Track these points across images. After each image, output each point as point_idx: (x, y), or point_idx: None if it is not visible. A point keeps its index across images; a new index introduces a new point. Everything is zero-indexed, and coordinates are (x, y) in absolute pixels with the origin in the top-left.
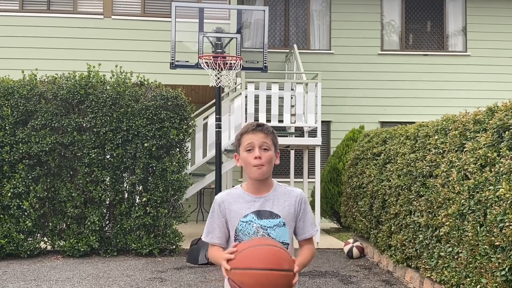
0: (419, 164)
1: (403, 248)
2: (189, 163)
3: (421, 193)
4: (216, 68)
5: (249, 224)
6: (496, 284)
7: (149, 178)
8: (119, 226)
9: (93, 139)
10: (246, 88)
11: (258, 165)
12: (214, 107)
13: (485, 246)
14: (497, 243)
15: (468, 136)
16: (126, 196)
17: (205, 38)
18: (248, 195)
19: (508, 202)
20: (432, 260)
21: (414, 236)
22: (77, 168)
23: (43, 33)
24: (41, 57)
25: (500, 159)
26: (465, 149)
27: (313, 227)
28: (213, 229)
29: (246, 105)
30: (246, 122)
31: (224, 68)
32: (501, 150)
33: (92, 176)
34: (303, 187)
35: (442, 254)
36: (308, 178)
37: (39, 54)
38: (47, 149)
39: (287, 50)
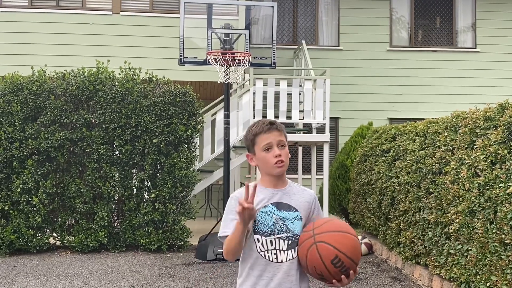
0: (429, 161)
1: (412, 245)
2: (197, 159)
3: (430, 190)
4: (224, 65)
5: (269, 214)
6: (506, 282)
7: (158, 174)
8: (127, 222)
9: (102, 135)
10: (254, 85)
11: (279, 162)
12: (223, 103)
13: (495, 244)
14: (507, 241)
15: (478, 133)
16: (134, 192)
17: (214, 34)
18: (266, 189)
19: None
20: (441, 257)
21: (423, 233)
22: (86, 164)
23: (52, 29)
24: (50, 53)
25: (511, 156)
26: (475, 146)
27: None
28: (231, 223)
29: (254, 101)
30: (254, 118)
31: (233, 65)
32: (511, 148)
33: (101, 172)
34: (311, 184)
35: (452, 251)
36: (316, 174)
37: (48, 50)
38: (56, 145)
39: (296, 46)
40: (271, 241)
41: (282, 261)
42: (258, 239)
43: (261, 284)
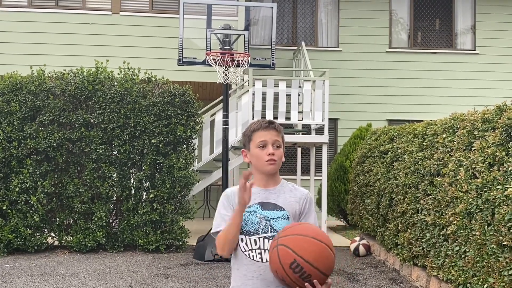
0: (427, 163)
1: (410, 246)
2: (196, 159)
3: (428, 191)
4: (223, 65)
5: (253, 214)
6: (504, 284)
7: (156, 174)
8: (126, 222)
9: (101, 135)
10: (253, 85)
11: (271, 160)
12: (222, 104)
13: (493, 246)
14: (504, 243)
15: (477, 135)
16: (133, 192)
17: (213, 35)
18: (254, 188)
19: None
20: (439, 258)
21: (421, 235)
22: (85, 164)
23: (51, 29)
24: (49, 53)
25: (509, 158)
26: (473, 148)
27: None
28: (223, 220)
29: (253, 102)
30: (253, 119)
31: (232, 65)
32: (509, 149)
33: (100, 172)
34: (309, 185)
35: (449, 253)
36: (315, 175)
37: (47, 50)
38: (54, 144)
39: (295, 47)
40: (255, 240)
41: (267, 261)
42: (242, 239)
43: (248, 284)
